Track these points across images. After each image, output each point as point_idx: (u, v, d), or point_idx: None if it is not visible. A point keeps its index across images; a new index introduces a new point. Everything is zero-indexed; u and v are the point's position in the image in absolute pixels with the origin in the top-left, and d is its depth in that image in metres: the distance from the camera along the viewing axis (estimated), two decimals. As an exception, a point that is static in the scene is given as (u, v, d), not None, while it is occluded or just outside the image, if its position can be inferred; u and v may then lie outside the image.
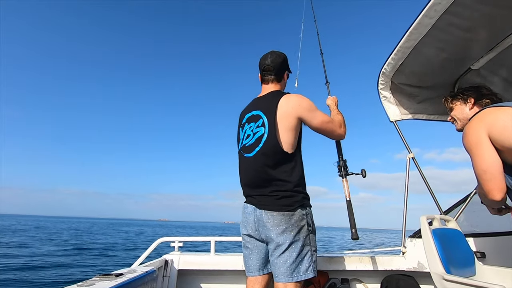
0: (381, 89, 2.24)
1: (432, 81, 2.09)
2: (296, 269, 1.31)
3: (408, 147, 2.28)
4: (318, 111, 1.48)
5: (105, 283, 1.11)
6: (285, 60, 1.60)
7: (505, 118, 1.17)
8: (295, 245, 1.32)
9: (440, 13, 1.44)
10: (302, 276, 1.31)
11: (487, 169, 1.18)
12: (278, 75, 1.57)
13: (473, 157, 1.24)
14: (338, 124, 1.57)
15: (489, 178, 1.17)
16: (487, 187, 1.19)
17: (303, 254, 1.33)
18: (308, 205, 1.42)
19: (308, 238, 1.36)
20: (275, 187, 1.37)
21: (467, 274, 1.56)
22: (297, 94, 1.50)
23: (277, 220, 1.33)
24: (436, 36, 1.59)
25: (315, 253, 1.39)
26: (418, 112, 2.36)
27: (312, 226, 1.40)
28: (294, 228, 1.33)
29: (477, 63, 1.86)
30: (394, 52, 1.83)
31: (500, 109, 1.22)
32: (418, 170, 2.24)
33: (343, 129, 1.58)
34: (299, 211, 1.35)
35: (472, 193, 2.14)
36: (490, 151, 1.18)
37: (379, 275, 2.09)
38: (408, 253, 2.09)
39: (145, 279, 1.44)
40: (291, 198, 1.35)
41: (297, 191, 1.37)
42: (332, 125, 1.52)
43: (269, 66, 1.54)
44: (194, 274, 2.12)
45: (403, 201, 2.22)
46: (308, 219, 1.38)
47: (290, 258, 1.31)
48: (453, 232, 1.70)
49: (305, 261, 1.33)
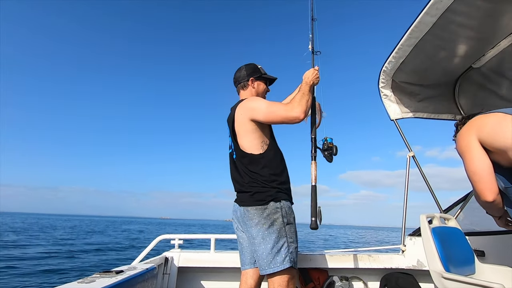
0: (382, 87, 2.23)
1: (433, 80, 2.08)
2: (273, 260, 1.37)
3: (409, 146, 2.27)
4: (262, 104, 1.49)
5: (105, 280, 1.11)
6: (247, 69, 1.71)
7: (493, 121, 1.23)
8: (270, 237, 1.39)
9: (442, 11, 1.43)
10: (279, 267, 1.36)
11: (476, 171, 1.22)
12: (240, 84, 1.72)
13: (464, 161, 1.29)
14: (290, 107, 1.43)
15: (478, 179, 1.22)
16: (478, 188, 1.23)
17: (278, 245, 1.39)
18: (284, 198, 1.47)
19: (284, 230, 1.42)
20: (249, 185, 1.49)
21: (467, 273, 1.56)
22: (250, 97, 1.60)
23: (251, 214, 1.44)
24: (437, 34, 1.58)
25: (293, 244, 1.43)
26: (418, 110, 2.35)
27: (287, 218, 1.44)
28: (267, 221, 1.41)
29: (478, 61, 1.85)
30: (395, 50, 1.82)
31: (488, 115, 1.29)
32: (418, 168, 2.24)
33: (296, 110, 1.42)
34: (272, 204, 1.43)
35: (471, 191, 2.14)
36: (479, 153, 1.22)
37: (379, 273, 2.09)
38: (407, 251, 2.09)
39: (145, 276, 1.45)
40: (264, 193, 1.45)
41: (270, 186, 1.46)
42: (276, 113, 1.45)
43: (233, 80, 1.76)
44: (194, 271, 2.13)
45: (403, 200, 2.22)
46: (283, 211, 1.44)
47: (265, 250, 1.39)
48: (453, 230, 1.70)
49: (282, 252, 1.38)
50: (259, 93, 1.72)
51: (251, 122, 1.49)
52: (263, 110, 1.47)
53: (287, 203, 1.48)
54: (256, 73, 1.71)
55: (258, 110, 1.48)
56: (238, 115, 1.53)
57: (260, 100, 1.54)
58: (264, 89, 1.75)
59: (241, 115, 1.51)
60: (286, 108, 1.44)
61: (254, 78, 1.71)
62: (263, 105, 1.49)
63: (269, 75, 1.76)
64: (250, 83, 1.70)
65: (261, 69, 1.74)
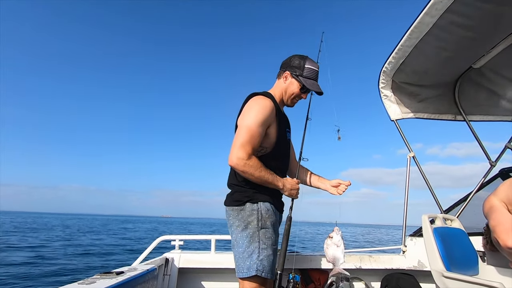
0: (382, 88, 2.23)
1: (433, 80, 2.08)
2: (242, 265, 1.29)
3: (409, 146, 2.27)
4: (247, 120, 1.31)
5: (106, 281, 1.11)
6: (292, 60, 1.52)
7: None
8: (242, 241, 1.32)
9: (441, 12, 1.43)
10: (245, 274, 1.27)
11: (499, 223, 1.41)
12: (279, 71, 1.58)
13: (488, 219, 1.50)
14: (240, 150, 1.25)
15: (501, 229, 1.40)
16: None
17: (249, 250, 1.29)
18: (263, 200, 1.36)
19: (257, 234, 1.31)
20: (231, 183, 1.44)
21: (470, 274, 1.56)
22: (256, 101, 1.39)
23: (228, 214, 1.40)
24: (437, 34, 1.58)
25: (265, 251, 1.30)
26: (419, 111, 2.35)
27: (262, 222, 1.33)
28: (241, 223, 1.33)
29: (478, 61, 1.85)
30: (395, 51, 1.82)
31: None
32: (419, 169, 2.23)
33: (237, 158, 1.24)
34: (248, 205, 1.34)
35: (473, 192, 2.14)
36: (502, 210, 1.44)
37: (380, 274, 2.09)
38: (408, 252, 2.09)
39: (146, 277, 1.45)
40: (242, 193, 1.37)
41: (248, 186, 1.36)
42: (235, 139, 1.29)
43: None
44: (195, 272, 2.12)
45: (404, 199, 2.22)
46: (259, 214, 1.33)
47: (237, 253, 1.33)
48: (456, 231, 1.70)
49: (250, 258, 1.28)
50: (287, 92, 1.52)
51: None
52: (240, 127, 1.32)
53: (265, 204, 1.36)
54: (295, 70, 1.49)
55: (241, 122, 1.34)
56: (245, 108, 1.40)
57: (255, 114, 1.32)
58: (295, 93, 1.51)
59: (245, 108, 1.39)
60: (239, 145, 1.26)
61: (290, 73, 1.50)
62: (246, 122, 1.31)
63: (309, 83, 1.49)
64: (284, 75, 1.52)
65: (307, 70, 1.49)
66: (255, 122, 1.31)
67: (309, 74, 1.49)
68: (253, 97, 1.43)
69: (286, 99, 1.55)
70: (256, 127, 1.30)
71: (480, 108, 2.33)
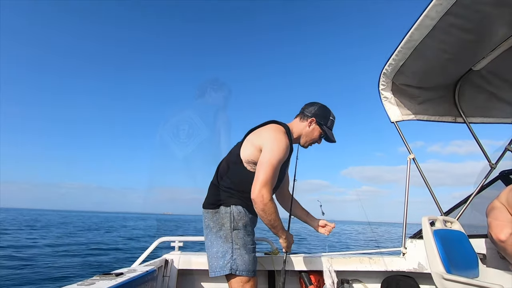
0: (382, 89, 2.24)
1: (433, 82, 2.08)
2: (215, 264, 1.40)
3: (409, 148, 2.28)
4: (269, 152, 1.37)
5: (105, 283, 1.11)
6: (319, 110, 1.64)
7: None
8: (217, 242, 1.42)
9: (441, 14, 1.43)
10: (217, 273, 1.38)
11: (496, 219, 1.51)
12: (302, 114, 1.68)
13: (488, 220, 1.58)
14: (263, 186, 1.30)
15: (495, 224, 1.51)
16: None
17: (223, 251, 1.40)
18: (234, 203, 1.45)
19: (230, 235, 1.42)
20: (210, 187, 1.58)
21: (470, 276, 1.55)
22: (279, 133, 1.45)
23: (204, 217, 1.50)
24: (437, 37, 1.58)
25: (239, 250, 1.41)
26: (419, 113, 2.35)
27: (235, 223, 1.43)
28: (216, 226, 1.44)
29: (478, 64, 1.85)
30: (395, 53, 1.82)
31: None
32: (419, 171, 2.23)
33: (261, 195, 1.30)
34: (222, 208, 1.45)
35: (473, 194, 2.14)
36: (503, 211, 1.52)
37: (379, 276, 2.09)
38: (408, 254, 2.09)
39: (145, 278, 1.44)
40: (216, 196, 1.49)
41: (222, 190, 1.48)
42: (264, 174, 1.32)
43: (303, 106, 1.70)
44: (195, 274, 2.12)
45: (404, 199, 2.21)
46: (232, 216, 1.43)
47: (211, 254, 1.43)
48: (456, 233, 1.70)
49: (224, 258, 1.39)
50: (309, 136, 1.65)
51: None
52: (264, 163, 1.35)
53: (238, 207, 1.45)
54: (322, 120, 1.64)
55: (263, 150, 1.40)
56: (264, 131, 1.48)
57: (278, 153, 1.38)
58: (314, 138, 1.66)
59: (265, 133, 1.46)
60: (265, 182, 1.31)
61: (316, 121, 1.64)
62: (270, 159, 1.36)
63: (330, 133, 1.65)
64: (309, 120, 1.64)
65: (330, 121, 1.66)
66: (277, 160, 1.38)
67: (331, 125, 1.68)
68: (275, 126, 1.51)
69: (304, 142, 1.68)
70: (277, 165, 1.39)
71: (480, 110, 2.33)
